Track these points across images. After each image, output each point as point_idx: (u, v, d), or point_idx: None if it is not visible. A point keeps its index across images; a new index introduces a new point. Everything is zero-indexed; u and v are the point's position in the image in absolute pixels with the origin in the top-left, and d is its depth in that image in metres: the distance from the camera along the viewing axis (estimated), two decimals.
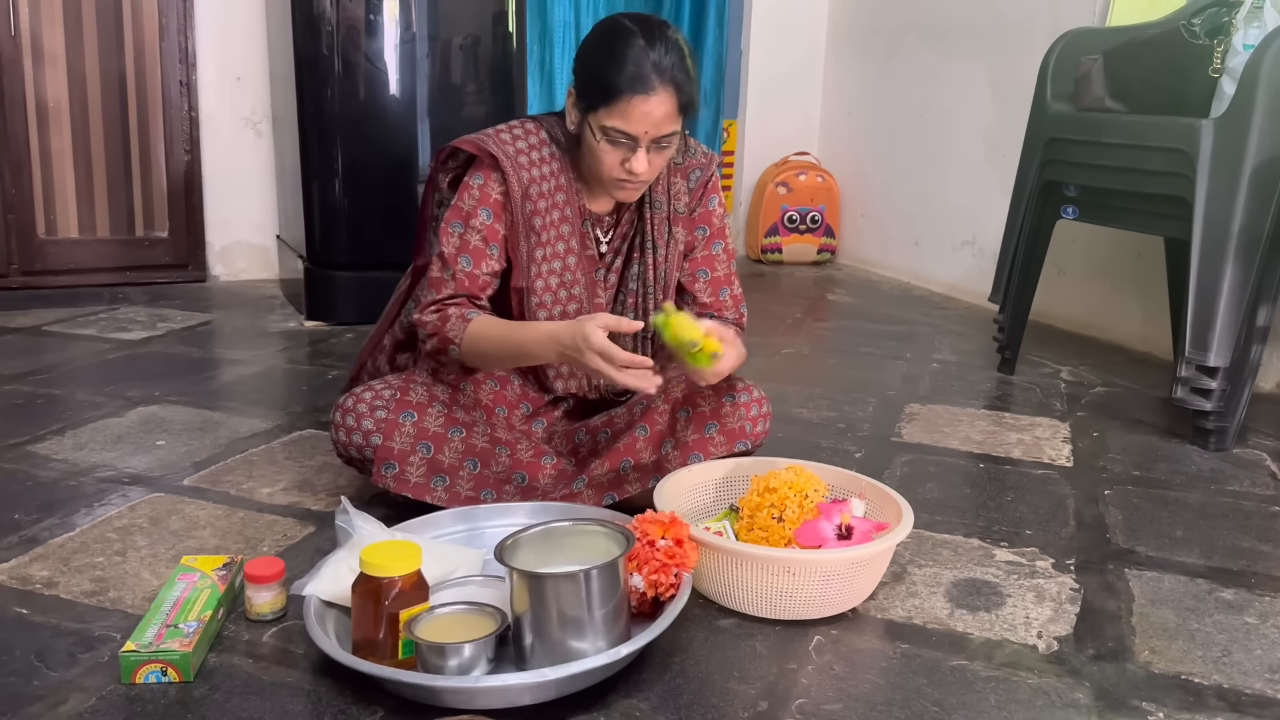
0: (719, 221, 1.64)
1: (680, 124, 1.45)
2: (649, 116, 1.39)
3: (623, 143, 1.42)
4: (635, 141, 1.42)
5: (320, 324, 2.85)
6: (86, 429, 1.92)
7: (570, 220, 1.56)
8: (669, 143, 1.45)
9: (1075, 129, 2.22)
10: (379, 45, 2.78)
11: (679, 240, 1.61)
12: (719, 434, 1.55)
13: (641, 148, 1.42)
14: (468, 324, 1.46)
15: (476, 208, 1.50)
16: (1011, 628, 1.29)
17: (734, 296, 1.65)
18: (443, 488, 1.49)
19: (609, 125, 1.41)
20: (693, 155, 1.62)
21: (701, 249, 1.63)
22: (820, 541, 1.31)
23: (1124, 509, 1.70)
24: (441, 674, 1.08)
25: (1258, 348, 1.95)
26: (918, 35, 3.66)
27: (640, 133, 1.41)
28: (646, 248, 1.59)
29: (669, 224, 1.60)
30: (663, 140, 1.43)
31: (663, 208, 1.59)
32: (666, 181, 1.59)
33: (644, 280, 1.60)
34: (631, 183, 1.47)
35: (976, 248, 3.40)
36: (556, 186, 1.54)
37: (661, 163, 1.48)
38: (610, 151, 1.44)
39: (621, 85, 1.38)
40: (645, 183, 1.49)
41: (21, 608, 1.26)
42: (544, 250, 1.54)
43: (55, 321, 2.77)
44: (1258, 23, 1.95)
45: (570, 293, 1.58)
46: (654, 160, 1.45)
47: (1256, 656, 1.24)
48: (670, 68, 1.40)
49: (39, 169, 3.12)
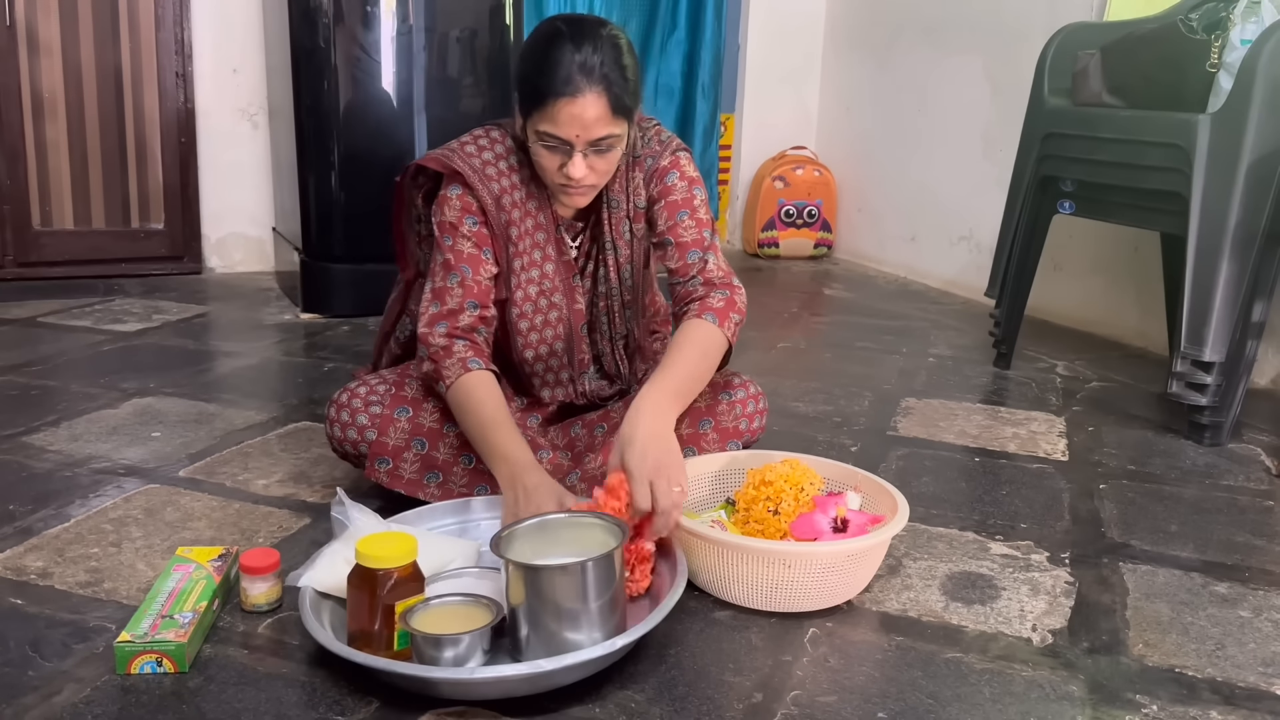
0: (679, 195, 1.52)
1: (620, 126, 1.39)
2: (578, 119, 1.35)
3: (557, 148, 1.38)
4: (569, 146, 1.37)
5: (316, 316, 2.85)
6: (81, 420, 1.92)
7: (544, 227, 1.54)
8: (609, 145, 1.39)
9: (1072, 124, 2.22)
10: (376, 38, 2.78)
11: (640, 237, 1.56)
12: (713, 430, 1.55)
13: (577, 152, 1.38)
14: (465, 373, 1.42)
15: (462, 216, 1.48)
16: (1006, 621, 1.29)
17: (703, 259, 1.50)
18: (435, 484, 1.49)
19: (542, 130, 1.38)
20: (648, 145, 1.55)
21: (665, 222, 1.51)
22: (816, 534, 1.31)
23: (1119, 503, 1.70)
24: (437, 665, 1.08)
25: (1253, 343, 1.95)
26: (915, 30, 3.66)
27: (572, 136, 1.36)
28: (607, 248, 1.56)
29: (629, 221, 1.55)
30: (600, 144, 1.38)
31: (621, 206, 1.54)
32: (625, 178, 1.53)
33: (608, 281, 1.57)
34: (574, 188, 1.42)
35: (973, 243, 3.40)
36: (528, 195, 1.52)
37: (606, 166, 1.42)
38: (548, 157, 1.40)
39: (548, 89, 1.35)
40: (591, 187, 1.44)
41: (16, 598, 1.26)
42: (522, 260, 1.53)
43: (50, 313, 2.77)
44: (1255, 18, 1.95)
45: (550, 300, 1.56)
46: (595, 164, 1.40)
47: (1250, 650, 1.25)
48: (598, 67, 1.35)
49: (34, 160, 3.11)
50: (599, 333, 1.62)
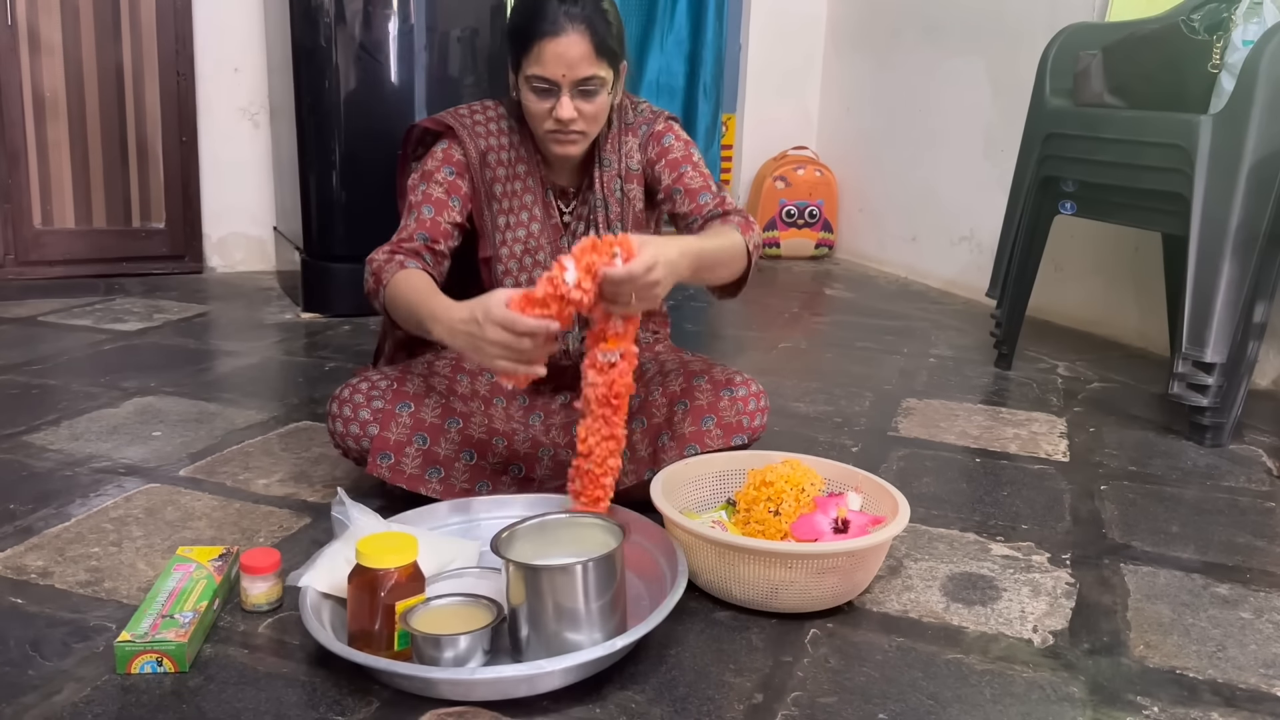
0: (679, 153, 1.58)
1: (604, 69, 1.45)
2: (563, 58, 1.42)
3: (545, 90, 1.45)
4: (556, 86, 1.44)
5: (317, 316, 2.85)
6: (82, 419, 1.92)
7: (533, 190, 1.59)
8: (593, 87, 1.45)
9: (1074, 124, 2.22)
10: (377, 36, 2.77)
11: (632, 198, 1.61)
12: (716, 427, 1.55)
13: (564, 93, 1.44)
14: (400, 270, 1.45)
15: (440, 166, 1.56)
16: (1007, 622, 1.29)
17: (714, 196, 1.57)
18: (437, 479, 1.49)
19: (530, 74, 1.45)
20: (641, 114, 1.62)
21: (670, 176, 1.57)
22: (817, 535, 1.31)
23: (1120, 504, 1.70)
24: (437, 665, 1.08)
25: (1254, 344, 1.95)
26: (917, 30, 3.66)
27: (558, 76, 1.43)
28: (598, 206, 1.61)
29: (620, 180, 1.60)
30: (584, 84, 1.44)
31: (613, 165, 1.60)
32: (618, 141, 1.60)
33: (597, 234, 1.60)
34: (563, 133, 1.48)
35: (974, 243, 3.40)
36: (517, 158, 1.58)
37: (594, 111, 1.48)
38: (537, 103, 1.47)
39: (533, 30, 1.43)
40: (581, 134, 1.49)
41: (16, 598, 1.26)
42: (507, 219, 1.58)
43: (51, 312, 2.77)
44: (1257, 19, 1.95)
45: (535, 259, 1.60)
46: (583, 108, 1.46)
47: (1251, 651, 1.24)
48: (580, 8, 1.43)
49: (35, 159, 3.11)
50: None
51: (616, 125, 1.60)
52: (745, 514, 1.38)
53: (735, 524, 1.39)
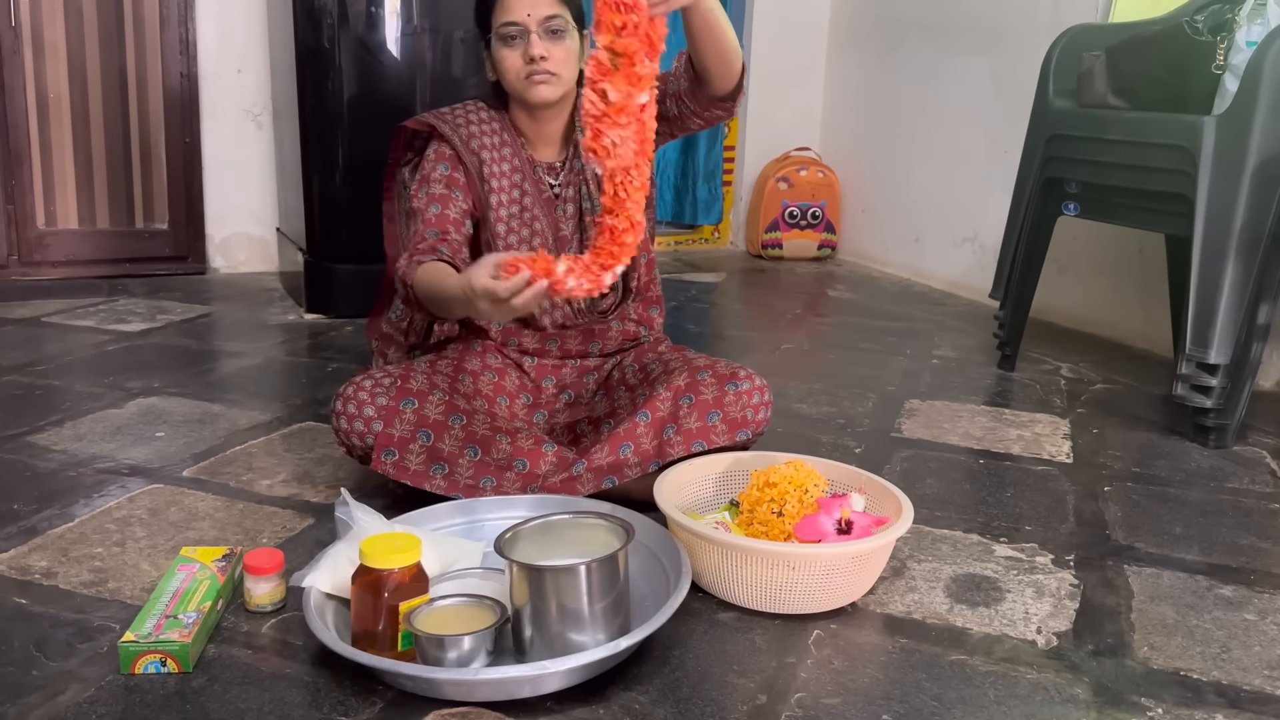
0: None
1: (564, 11, 1.54)
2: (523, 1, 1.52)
3: (514, 35, 1.53)
4: (524, 30, 1.53)
5: (320, 316, 2.85)
6: (86, 420, 1.92)
7: (520, 169, 1.65)
8: (558, 26, 1.54)
9: (1077, 125, 2.22)
10: (380, 38, 2.78)
11: None
12: (721, 422, 1.55)
13: (532, 33, 1.53)
14: (417, 270, 1.48)
15: (435, 165, 1.62)
16: (1011, 623, 1.29)
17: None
18: (442, 475, 1.49)
19: (499, 25, 1.54)
20: None
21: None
22: (820, 536, 1.31)
23: (1123, 505, 1.70)
24: (441, 666, 1.08)
25: (1258, 345, 1.95)
26: (920, 31, 3.66)
27: (523, 17, 1.53)
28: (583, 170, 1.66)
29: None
30: (549, 23, 1.53)
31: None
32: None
33: (590, 197, 1.66)
34: (537, 73, 1.54)
35: (977, 244, 3.40)
36: (501, 141, 1.65)
37: (562, 54, 1.55)
38: (509, 54, 1.55)
39: None
40: (553, 76, 1.55)
41: (20, 598, 1.26)
42: (498, 196, 1.63)
43: (54, 313, 2.77)
44: (1261, 19, 1.94)
45: (531, 229, 1.65)
46: (551, 50, 1.54)
47: (1255, 653, 1.24)
48: None
49: (39, 160, 3.12)
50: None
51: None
52: (749, 515, 1.38)
53: (739, 525, 1.39)
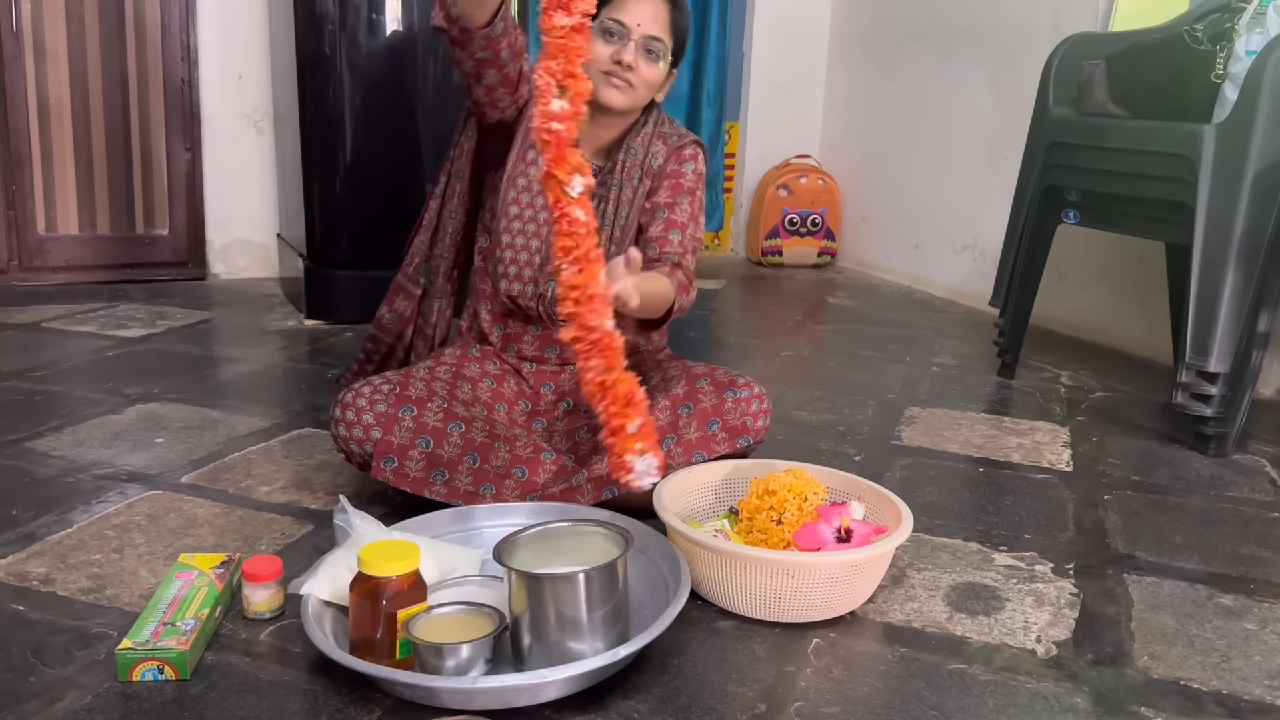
0: (688, 183, 1.67)
1: (668, 40, 1.58)
2: (640, 11, 1.56)
3: (615, 34, 1.56)
4: (626, 32, 1.55)
5: (320, 322, 2.85)
6: (85, 426, 1.92)
7: None
8: (656, 49, 1.57)
9: (1077, 134, 2.22)
10: (381, 44, 2.78)
11: (642, 191, 1.67)
12: (721, 430, 1.55)
13: (632, 41, 1.55)
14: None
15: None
16: (1010, 632, 1.29)
17: (684, 242, 1.64)
18: (441, 482, 1.49)
19: (608, 17, 1.55)
20: (676, 129, 1.71)
21: (666, 196, 1.66)
22: (819, 544, 1.31)
23: (1123, 514, 1.69)
24: (439, 674, 1.08)
25: (1258, 353, 1.94)
26: (920, 39, 3.66)
27: (633, 24, 1.55)
28: (613, 186, 1.66)
29: (640, 170, 1.67)
30: (650, 43, 1.56)
31: (638, 155, 1.67)
32: (649, 140, 1.68)
33: (604, 215, 1.66)
34: (618, 76, 1.56)
35: (977, 251, 3.40)
36: None
37: (648, 75, 1.58)
38: (603, 45, 1.56)
39: None
40: (630, 87, 1.57)
41: (18, 604, 1.26)
42: (534, 152, 1.63)
43: (54, 318, 2.77)
44: (1260, 29, 1.95)
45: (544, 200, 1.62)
46: (641, 66, 1.57)
47: (1255, 662, 1.24)
48: None
49: (40, 165, 3.12)
50: None
51: (651, 127, 1.68)
52: (748, 523, 1.37)
53: (738, 533, 1.39)
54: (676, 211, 1.65)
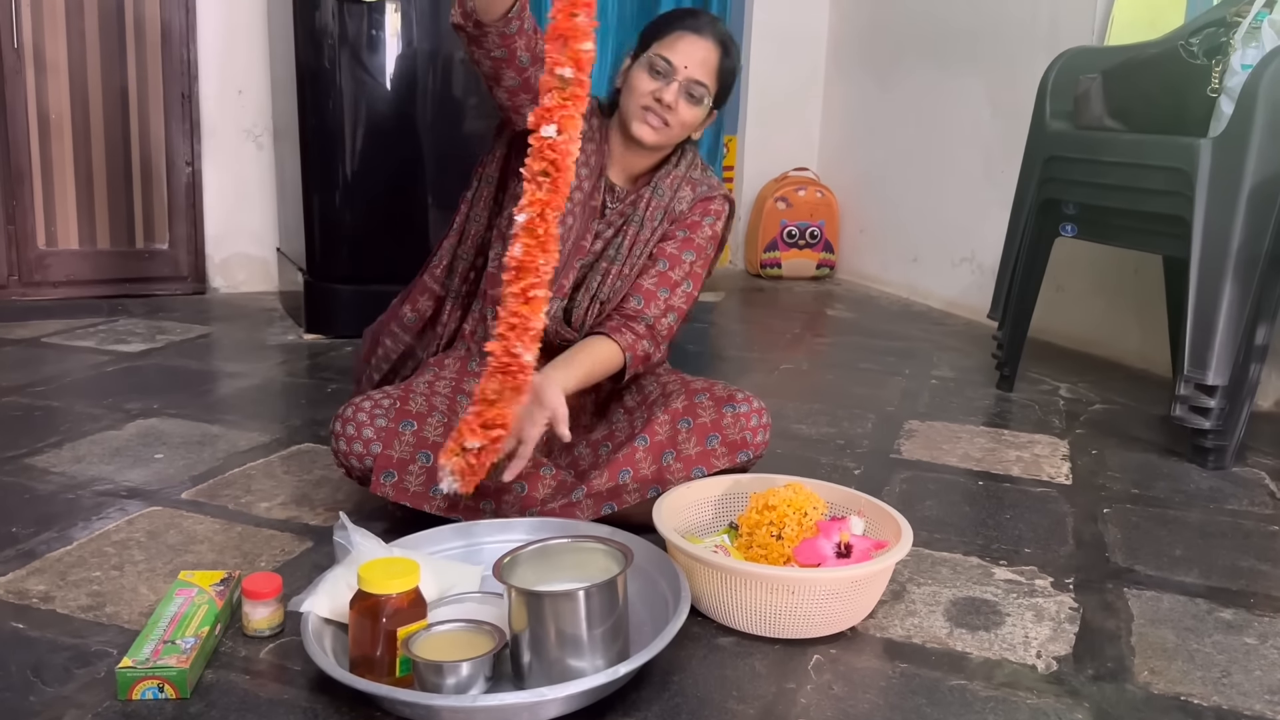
0: (701, 239, 1.68)
1: (712, 86, 1.60)
2: (691, 54, 1.57)
3: (661, 71, 1.57)
4: (673, 72, 1.57)
5: (319, 337, 2.85)
6: (84, 442, 1.92)
7: (589, 166, 1.66)
8: (698, 94, 1.59)
9: (1074, 147, 2.23)
10: (381, 59, 2.79)
11: (659, 232, 1.68)
12: (721, 445, 1.55)
13: (677, 80, 1.57)
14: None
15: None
16: (1010, 647, 1.29)
17: (669, 302, 1.64)
18: (441, 496, 1.49)
19: (656, 53, 1.58)
20: (708, 178, 1.72)
21: (674, 247, 1.67)
22: (819, 559, 1.31)
23: (1123, 527, 1.70)
24: (439, 692, 1.07)
25: (1256, 366, 1.95)
26: (917, 53, 3.68)
27: (680, 65, 1.57)
28: (634, 221, 1.67)
29: (663, 213, 1.68)
30: (694, 87, 1.58)
31: (664, 196, 1.68)
32: (678, 184, 1.69)
33: (620, 247, 1.66)
34: (655, 113, 1.58)
35: (975, 264, 3.41)
36: (590, 137, 1.66)
37: (687, 117, 1.60)
38: (647, 79, 1.58)
39: (678, 23, 1.60)
40: (665, 126, 1.59)
41: (18, 622, 1.26)
42: None
43: (54, 333, 2.77)
44: (1255, 43, 1.96)
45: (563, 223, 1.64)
46: (681, 107, 1.58)
47: (1256, 677, 1.24)
48: (722, 33, 1.62)
49: (40, 180, 3.13)
50: (586, 286, 1.67)
51: (683, 172, 1.70)
52: (748, 538, 1.37)
53: (738, 548, 1.39)
54: (676, 268, 1.65)
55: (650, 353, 1.62)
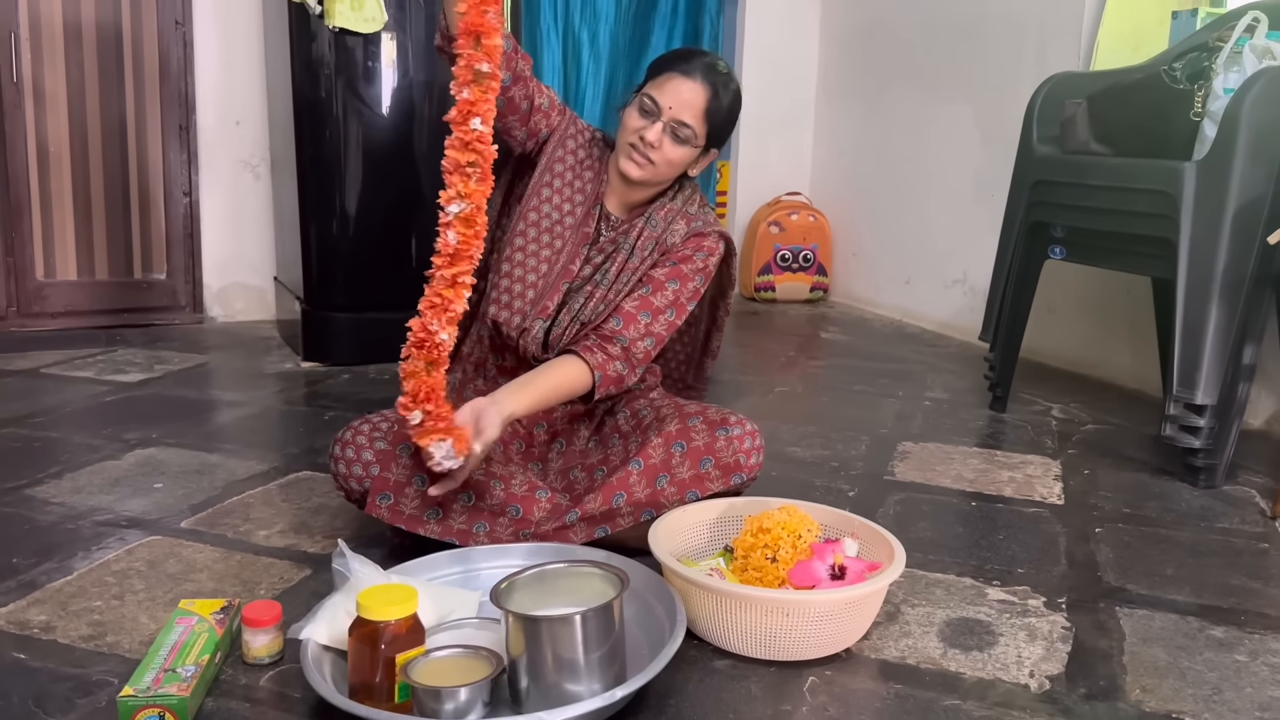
0: (689, 270, 1.66)
1: (700, 128, 1.62)
2: (677, 94, 1.60)
3: (648, 110, 1.61)
4: (658, 111, 1.60)
5: (317, 365, 2.87)
6: (84, 472, 1.93)
7: (585, 193, 1.70)
8: (684, 135, 1.61)
9: (1061, 171, 2.26)
10: (377, 89, 2.82)
11: (648, 263, 1.69)
12: (714, 468, 1.56)
13: (660, 121, 1.60)
14: None
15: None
16: (1004, 667, 1.30)
17: (649, 327, 1.62)
18: (435, 520, 1.50)
19: (645, 92, 1.63)
20: (705, 214, 1.72)
21: (661, 273, 1.66)
22: (814, 582, 1.32)
23: (1115, 547, 1.71)
24: (438, 718, 1.08)
25: (1244, 385, 1.97)
26: (906, 79, 3.72)
27: (665, 106, 1.60)
28: (623, 247, 1.68)
29: (654, 243, 1.69)
30: (680, 128, 1.61)
31: (657, 227, 1.69)
32: (672, 216, 1.70)
33: (607, 274, 1.67)
34: (638, 151, 1.62)
35: (967, 286, 3.44)
36: (589, 165, 1.73)
37: (673, 156, 1.62)
38: (635, 117, 1.63)
39: (670, 65, 1.64)
40: (650, 163, 1.62)
41: (19, 652, 1.26)
42: (550, 190, 1.69)
43: (53, 364, 2.79)
44: (1237, 67, 1.99)
45: (553, 234, 1.69)
46: (665, 146, 1.61)
47: (1247, 695, 1.25)
48: (715, 75, 1.63)
49: (38, 211, 3.15)
50: (569, 308, 1.68)
51: (679, 206, 1.71)
52: (743, 561, 1.39)
53: (733, 571, 1.40)
54: (660, 295, 1.63)
55: (623, 374, 1.60)
